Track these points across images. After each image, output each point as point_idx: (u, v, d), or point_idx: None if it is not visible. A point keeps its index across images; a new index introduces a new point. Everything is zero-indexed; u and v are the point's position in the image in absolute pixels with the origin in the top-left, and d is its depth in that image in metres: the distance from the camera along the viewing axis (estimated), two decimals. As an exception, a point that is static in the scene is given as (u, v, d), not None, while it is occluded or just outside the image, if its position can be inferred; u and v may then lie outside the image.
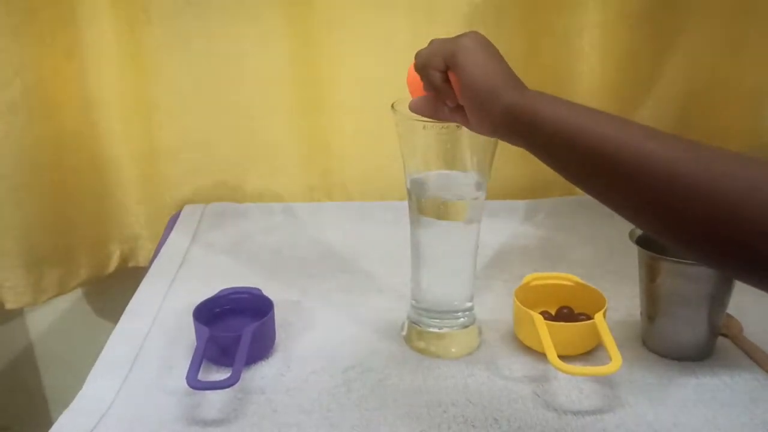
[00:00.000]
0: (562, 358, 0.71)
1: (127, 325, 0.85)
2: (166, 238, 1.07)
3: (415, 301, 0.81)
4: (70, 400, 0.72)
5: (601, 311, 0.76)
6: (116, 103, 1.10)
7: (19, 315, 1.28)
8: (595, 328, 0.75)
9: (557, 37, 1.08)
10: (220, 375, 0.73)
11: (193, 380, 0.70)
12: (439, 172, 0.74)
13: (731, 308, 0.77)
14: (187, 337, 0.80)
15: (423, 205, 0.75)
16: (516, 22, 1.05)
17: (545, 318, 0.77)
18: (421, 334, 0.80)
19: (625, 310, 0.84)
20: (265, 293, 0.84)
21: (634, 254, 0.78)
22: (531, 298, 0.80)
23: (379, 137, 0.97)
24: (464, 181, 0.74)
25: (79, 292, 1.26)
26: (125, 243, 1.19)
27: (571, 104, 0.54)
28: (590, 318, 0.77)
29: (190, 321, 0.78)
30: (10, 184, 1.03)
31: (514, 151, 0.60)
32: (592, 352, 0.78)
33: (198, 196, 1.17)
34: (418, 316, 0.80)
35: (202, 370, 0.72)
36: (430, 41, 0.62)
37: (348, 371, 0.76)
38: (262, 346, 0.78)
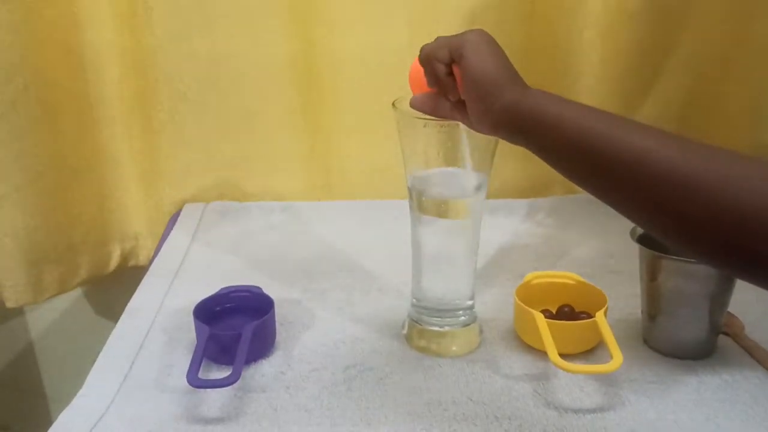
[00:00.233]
0: (562, 356, 0.71)
1: (128, 324, 0.85)
2: (167, 237, 1.07)
3: (416, 300, 0.81)
4: (71, 399, 0.72)
5: (602, 310, 0.76)
6: (117, 102, 1.10)
7: (19, 314, 1.28)
8: (596, 327, 0.75)
9: (557, 37, 1.08)
10: (221, 373, 0.73)
11: (193, 379, 0.70)
12: (440, 171, 0.74)
13: (732, 306, 0.76)
14: (188, 335, 0.80)
15: (424, 204, 0.75)
16: (517, 22, 1.05)
17: (546, 316, 0.77)
18: (422, 333, 0.80)
19: (626, 308, 0.84)
20: (266, 292, 0.83)
21: (635, 253, 0.78)
22: (532, 297, 0.80)
23: (379, 136, 0.97)
24: (465, 180, 0.74)
25: (80, 291, 1.26)
26: (126, 242, 1.19)
27: (572, 103, 0.55)
28: (591, 316, 0.77)
29: (191, 320, 0.78)
30: (11, 183, 1.02)
31: (514, 150, 0.60)
32: (593, 351, 0.78)
33: (198, 195, 1.17)
34: (419, 315, 0.80)
35: (202, 368, 0.72)
36: (436, 38, 0.62)
37: (348, 370, 0.76)
38: (262, 345, 0.78)
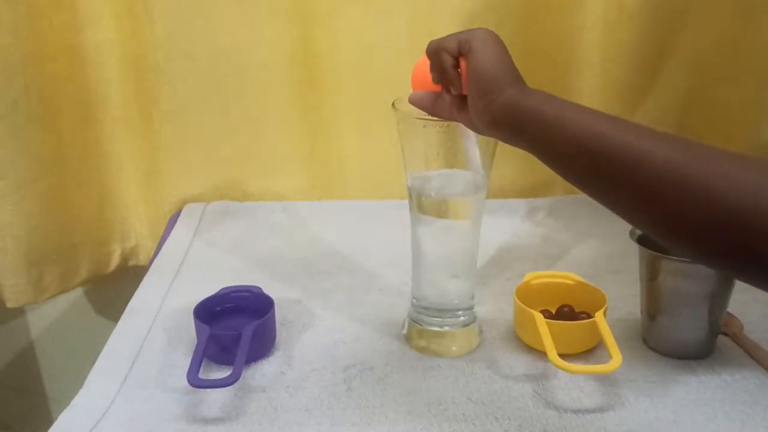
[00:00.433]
0: (562, 356, 0.71)
1: (128, 324, 0.85)
2: (167, 237, 1.07)
3: (416, 300, 0.81)
4: (71, 399, 0.72)
5: (602, 310, 0.76)
6: (117, 102, 1.10)
7: (19, 314, 1.28)
8: (595, 327, 0.75)
9: (558, 37, 1.08)
10: (221, 373, 0.73)
11: (193, 378, 0.70)
12: (440, 171, 0.74)
13: (732, 306, 0.77)
14: (188, 335, 0.80)
15: (423, 204, 0.75)
16: (517, 22, 1.05)
17: (546, 316, 0.77)
18: (422, 333, 0.80)
19: (626, 308, 0.84)
20: (266, 292, 0.84)
21: (635, 253, 0.78)
22: (531, 297, 0.80)
23: (379, 136, 0.98)
24: (464, 180, 0.74)
25: (80, 290, 1.26)
26: (126, 242, 1.19)
27: (572, 103, 0.55)
28: (591, 316, 0.77)
29: (191, 319, 0.78)
30: (11, 183, 1.03)
31: (514, 150, 0.60)
32: (593, 351, 0.78)
33: (199, 195, 1.17)
34: (419, 315, 0.80)
35: (202, 368, 0.72)
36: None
37: (348, 369, 0.76)
38: (262, 345, 0.78)
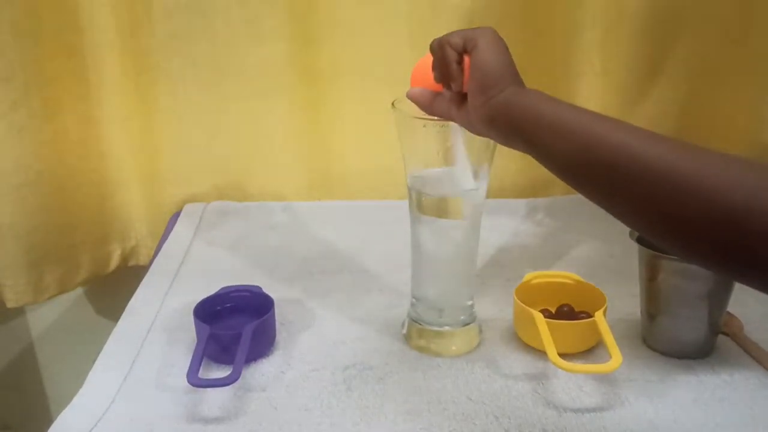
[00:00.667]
0: (562, 356, 0.71)
1: (128, 324, 0.85)
2: (167, 237, 1.07)
3: (416, 299, 0.81)
4: (71, 398, 0.72)
5: (602, 309, 0.76)
6: (117, 102, 1.10)
7: (20, 314, 1.28)
8: (595, 326, 0.75)
9: (558, 37, 1.08)
10: (221, 373, 0.73)
11: (193, 378, 0.70)
12: (440, 170, 0.74)
13: (731, 306, 0.77)
14: (188, 335, 0.80)
15: (423, 203, 0.75)
16: (517, 22, 1.05)
17: (545, 316, 0.77)
18: (422, 333, 0.80)
19: (626, 308, 0.84)
20: (266, 291, 0.84)
21: (635, 252, 0.78)
22: (531, 297, 0.80)
23: (379, 136, 0.97)
24: (464, 179, 0.74)
25: (80, 290, 1.26)
26: (126, 242, 1.19)
27: (568, 104, 0.56)
28: (590, 316, 0.77)
29: (191, 319, 0.78)
30: (11, 183, 1.03)
31: (513, 150, 0.60)
32: (593, 350, 0.78)
33: (199, 195, 1.17)
34: (419, 315, 0.80)
35: (202, 367, 0.73)
36: None
37: (348, 369, 0.76)
38: (262, 344, 0.78)
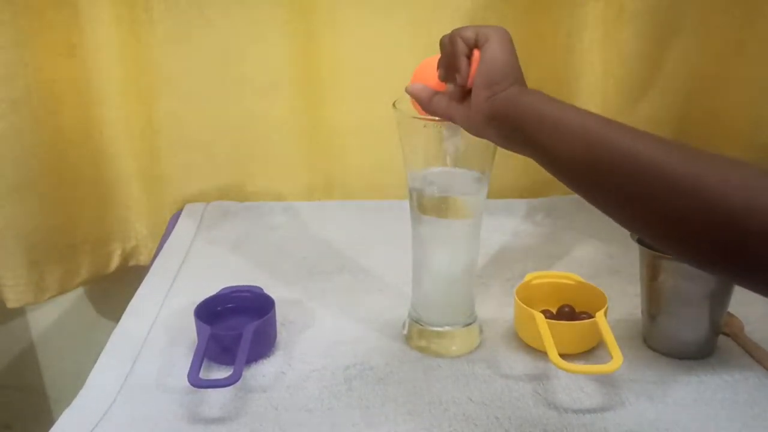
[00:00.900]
0: (563, 356, 0.71)
1: (129, 324, 0.85)
2: (168, 237, 1.07)
3: (416, 300, 0.81)
4: (72, 399, 0.72)
5: (602, 310, 0.76)
6: (118, 102, 1.10)
7: (20, 314, 1.28)
8: (596, 327, 0.75)
9: (558, 37, 1.08)
10: (222, 373, 0.73)
11: (194, 378, 0.70)
12: (440, 170, 0.74)
13: (732, 307, 0.77)
14: (189, 335, 0.80)
15: (424, 203, 0.75)
16: (517, 22, 1.05)
17: (546, 317, 0.77)
18: (422, 333, 0.80)
19: (626, 308, 0.84)
20: (267, 292, 0.84)
21: (636, 253, 0.78)
22: (532, 297, 0.80)
23: (380, 136, 0.98)
24: (465, 179, 0.74)
25: (81, 290, 1.26)
26: (127, 242, 1.19)
27: (568, 105, 0.56)
28: (591, 316, 0.77)
29: (192, 319, 0.78)
30: (12, 183, 1.03)
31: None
32: (593, 351, 0.78)
33: (199, 195, 1.17)
34: (419, 315, 0.80)
35: (203, 368, 0.73)
36: None
37: (349, 369, 0.76)
38: (263, 345, 0.78)
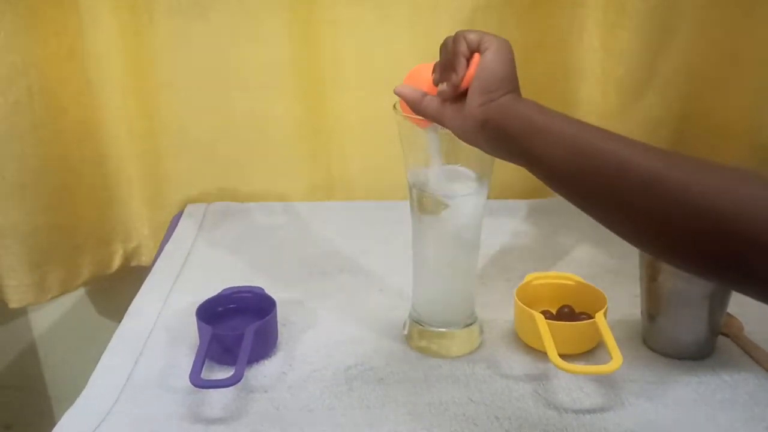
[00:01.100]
0: (563, 356, 0.71)
1: (131, 324, 0.85)
2: (169, 238, 1.07)
3: (417, 300, 0.81)
4: (74, 399, 0.72)
5: (602, 310, 0.76)
6: (119, 103, 1.10)
7: (22, 314, 1.28)
8: (595, 327, 0.75)
9: (558, 37, 1.08)
10: (223, 374, 0.73)
11: (196, 379, 0.70)
12: (441, 171, 0.74)
13: (732, 307, 0.77)
14: (190, 336, 0.80)
15: (424, 204, 0.75)
16: (517, 22, 1.05)
17: (546, 317, 0.77)
18: (423, 333, 0.80)
19: (626, 309, 0.84)
20: (268, 292, 0.84)
21: (635, 253, 0.78)
22: (532, 297, 0.80)
23: (380, 136, 0.98)
24: (466, 180, 0.74)
25: (83, 291, 1.27)
26: (128, 242, 1.19)
27: (560, 113, 0.57)
28: (591, 317, 0.77)
29: (193, 320, 0.78)
30: (14, 183, 1.03)
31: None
32: (593, 351, 0.78)
33: (201, 196, 1.17)
34: (420, 315, 0.80)
35: (205, 368, 0.73)
36: None
37: (350, 370, 0.77)
38: (264, 345, 0.79)
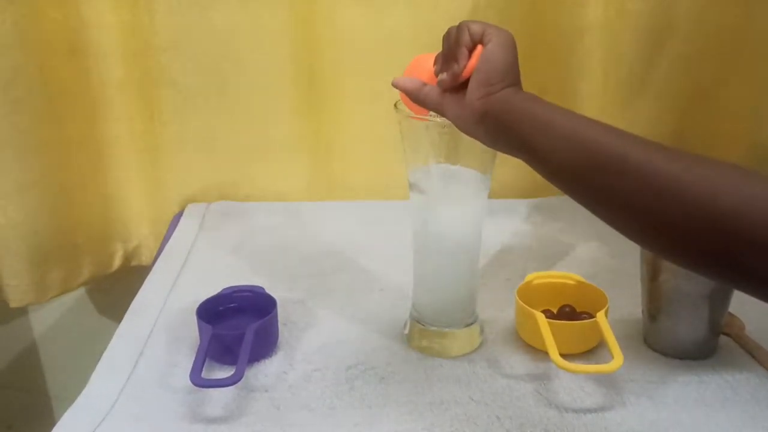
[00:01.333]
0: (563, 356, 0.71)
1: (131, 324, 0.85)
2: (170, 237, 1.07)
3: (417, 300, 0.81)
4: (74, 399, 0.72)
5: (603, 310, 0.76)
6: (119, 102, 1.10)
7: (22, 313, 1.28)
8: (596, 327, 0.75)
9: (558, 37, 1.08)
10: (224, 373, 0.73)
11: (196, 378, 0.70)
12: (442, 171, 0.74)
13: (733, 307, 0.77)
14: (191, 335, 0.80)
15: (425, 204, 0.75)
16: (517, 22, 1.05)
17: (547, 316, 0.77)
18: (424, 333, 0.80)
19: (627, 308, 0.84)
20: (268, 291, 0.84)
21: (636, 253, 0.78)
22: (533, 297, 0.80)
23: (381, 136, 0.98)
24: (466, 180, 0.74)
25: (83, 290, 1.27)
26: (128, 242, 1.19)
27: (560, 108, 0.56)
28: (592, 316, 0.77)
29: (194, 319, 0.78)
30: (14, 183, 1.03)
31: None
32: (594, 351, 0.78)
33: (201, 195, 1.18)
34: (420, 315, 0.80)
35: (205, 368, 0.73)
36: None
37: (351, 369, 0.77)
38: (265, 345, 0.79)
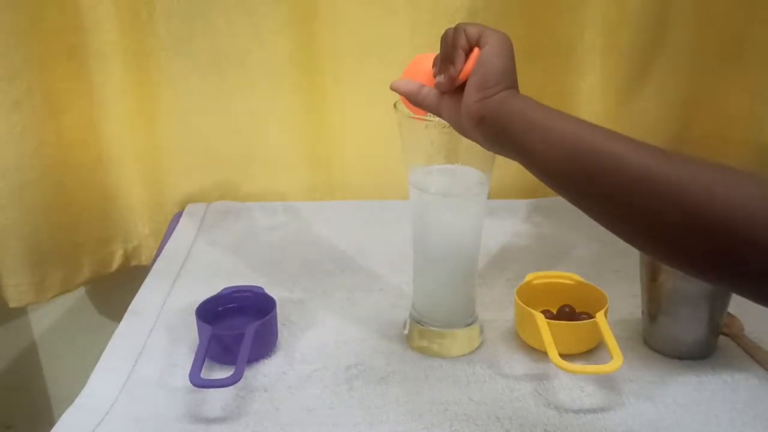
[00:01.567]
0: (563, 356, 0.71)
1: (130, 324, 0.85)
2: (169, 237, 1.07)
3: (417, 300, 0.81)
4: (74, 399, 0.72)
5: (603, 310, 0.76)
6: (119, 103, 1.10)
7: (22, 313, 1.28)
8: (596, 327, 0.75)
9: (558, 37, 1.08)
10: (223, 373, 0.73)
11: (195, 378, 0.70)
12: (441, 170, 0.74)
13: (732, 307, 0.77)
14: (190, 335, 0.80)
15: (425, 204, 0.75)
16: (517, 22, 1.05)
17: (547, 317, 0.77)
18: (423, 333, 0.80)
19: (627, 308, 0.84)
20: (268, 292, 0.84)
21: (636, 253, 0.78)
22: (532, 297, 0.80)
23: (381, 136, 0.98)
24: (466, 179, 0.74)
25: (82, 290, 1.27)
26: (128, 242, 1.19)
27: (557, 111, 0.56)
28: (591, 317, 0.77)
29: (193, 319, 0.78)
30: (14, 183, 1.03)
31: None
32: (594, 351, 0.78)
33: (201, 195, 1.18)
34: (420, 315, 0.80)
35: (204, 368, 0.73)
36: None
37: (350, 369, 0.77)
38: (264, 345, 0.79)
